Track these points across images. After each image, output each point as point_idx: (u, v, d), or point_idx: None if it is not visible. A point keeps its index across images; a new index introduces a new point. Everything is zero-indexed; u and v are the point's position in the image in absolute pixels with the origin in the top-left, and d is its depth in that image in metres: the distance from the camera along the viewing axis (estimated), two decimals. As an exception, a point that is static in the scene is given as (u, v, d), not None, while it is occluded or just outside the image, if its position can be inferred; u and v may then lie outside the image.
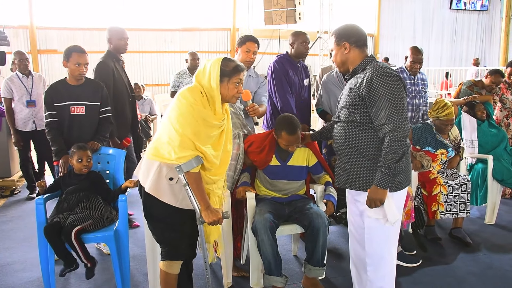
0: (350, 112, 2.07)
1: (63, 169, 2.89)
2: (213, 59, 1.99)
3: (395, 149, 1.92)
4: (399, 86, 1.97)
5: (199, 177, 1.93)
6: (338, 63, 2.18)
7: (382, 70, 1.98)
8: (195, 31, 12.03)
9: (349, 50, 2.11)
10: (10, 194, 4.74)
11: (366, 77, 1.99)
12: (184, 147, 1.86)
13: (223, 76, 1.95)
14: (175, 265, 2.07)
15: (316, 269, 2.53)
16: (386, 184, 1.95)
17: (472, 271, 2.93)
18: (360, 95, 2.01)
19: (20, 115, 4.39)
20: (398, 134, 1.91)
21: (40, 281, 2.68)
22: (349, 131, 2.10)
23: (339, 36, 2.13)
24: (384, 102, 1.94)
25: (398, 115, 1.93)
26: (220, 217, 1.96)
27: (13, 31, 10.26)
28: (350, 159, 2.10)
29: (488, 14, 15.20)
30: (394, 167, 1.93)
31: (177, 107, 1.90)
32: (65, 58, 2.98)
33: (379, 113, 1.95)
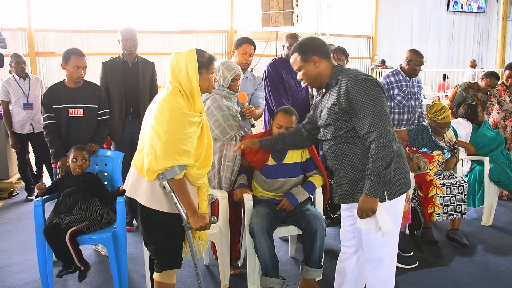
0: (336, 128, 2.02)
1: (61, 171, 2.90)
2: (183, 53, 1.93)
3: (382, 155, 1.86)
4: (377, 91, 1.91)
5: (183, 183, 1.90)
6: (310, 79, 2.08)
7: (356, 78, 1.93)
8: (193, 33, 12.05)
9: (320, 63, 2.04)
10: (8, 196, 4.74)
11: (342, 89, 1.94)
12: (167, 154, 1.82)
13: (201, 68, 1.92)
14: (173, 274, 2.03)
15: (313, 270, 2.54)
16: (376, 192, 1.89)
17: (468, 272, 2.94)
18: (342, 108, 1.96)
19: (17, 117, 4.39)
20: (384, 140, 1.86)
21: (39, 282, 2.68)
22: (340, 147, 2.04)
23: (305, 51, 2.05)
24: (365, 110, 1.89)
25: (381, 120, 1.87)
26: (207, 223, 1.93)
27: (11, 33, 10.26)
28: (347, 175, 2.04)
29: (485, 16, 15.28)
30: (384, 174, 1.87)
31: (160, 115, 1.84)
32: (63, 60, 2.99)
33: (363, 122, 1.90)
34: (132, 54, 3.49)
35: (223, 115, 2.72)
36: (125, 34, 3.43)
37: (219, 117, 2.72)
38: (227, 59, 2.97)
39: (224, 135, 2.73)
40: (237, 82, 2.81)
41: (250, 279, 2.66)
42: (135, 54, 3.51)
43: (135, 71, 3.48)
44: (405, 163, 2.08)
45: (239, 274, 2.85)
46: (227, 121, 2.72)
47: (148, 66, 3.61)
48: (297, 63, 2.08)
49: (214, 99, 2.75)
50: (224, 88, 2.79)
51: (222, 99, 2.77)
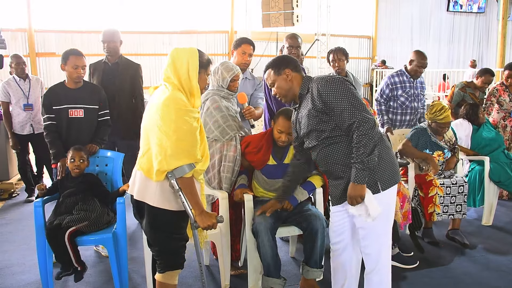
0: (319, 131, 2.07)
1: (61, 172, 2.90)
2: (185, 49, 1.97)
3: (364, 143, 1.92)
4: (345, 85, 1.99)
5: (192, 182, 1.91)
6: (284, 92, 2.17)
7: (324, 79, 2.02)
8: (193, 34, 12.06)
9: (291, 76, 2.14)
10: (8, 197, 4.74)
11: (314, 93, 2.02)
12: (179, 153, 1.83)
13: (201, 67, 1.96)
14: (176, 275, 2.03)
15: (314, 271, 2.55)
16: (363, 179, 1.95)
17: (469, 272, 2.94)
18: (319, 110, 2.02)
19: (17, 118, 4.40)
20: (364, 127, 1.92)
21: (39, 283, 2.69)
22: (327, 150, 2.08)
23: (278, 66, 2.16)
24: (341, 105, 1.96)
25: (356, 110, 1.95)
26: (214, 222, 1.94)
27: (11, 34, 10.27)
28: (341, 174, 2.09)
29: (485, 16, 15.27)
30: (367, 160, 1.92)
31: (167, 115, 1.85)
32: (62, 61, 2.99)
33: (342, 117, 1.97)
34: (114, 56, 3.49)
35: (223, 115, 2.72)
36: (105, 36, 3.44)
37: (218, 117, 2.72)
38: (227, 60, 2.97)
39: (224, 135, 2.73)
40: (236, 83, 2.81)
41: (250, 280, 2.66)
42: (116, 55, 3.51)
43: (114, 71, 3.48)
44: (392, 155, 2.13)
45: (239, 274, 2.85)
46: (226, 122, 2.72)
47: (130, 67, 3.62)
48: (271, 78, 2.18)
49: (213, 100, 2.75)
50: (223, 88, 2.79)
51: (221, 100, 2.77)
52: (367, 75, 14.30)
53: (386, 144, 2.12)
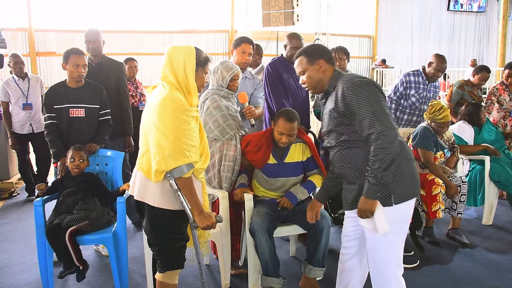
0: (339, 133, 2.01)
1: (61, 171, 2.90)
2: (182, 47, 1.95)
3: (380, 157, 1.83)
4: (372, 91, 1.89)
5: (191, 182, 1.90)
6: (313, 83, 2.06)
7: (351, 81, 1.93)
8: (193, 33, 12.06)
9: (324, 68, 2.04)
10: (8, 196, 4.74)
11: (339, 93, 1.94)
12: (177, 153, 1.82)
13: (198, 65, 1.94)
14: (176, 275, 2.03)
15: (316, 270, 2.55)
16: (374, 194, 1.87)
17: (469, 272, 2.94)
18: (340, 113, 1.95)
19: (16, 118, 4.40)
20: (382, 140, 1.83)
21: (39, 283, 2.69)
22: (344, 153, 2.02)
23: (312, 55, 2.05)
24: (363, 112, 1.87)
25: (379, 121, 1.84)
26: (213, 222, 1.93)
27: (12, 33, 10.27)
28: (355, 180, 2.01)
29: (486, 16, 15.26)
30: (381, 176, 1.83)
31: (164, 114, 1.84)
32: (63, 60, 2.99)
33: (362, 124, 1.88)
34: (96, 56, 3.48)
35: (222, 115, 2.72)
36: (90, 36, 3.42)
37: (218, 117, 2.72)
38: (226, 59, 2.97)
39: (224, 135, 2.73)
40: (236, 82, 2.81)
41: (250, 279, 2.66)
42: (99, 55, 3.50)
43: (97, 71, 3.46)
44: (413, 167, 2.01)
45: (239, 274, 2.85)
46: (226, 121, 2.72)
47: (114, 66, 3.60)
48: (302, 66, 2.07)
49: (213, 99, 2.75)
50: (223, 88, 2.79)
51: (221, 99, 2.77)
52: (367, 74, 14.29)
53: (407, 155, 2.00)
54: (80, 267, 2.52)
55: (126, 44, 11.30)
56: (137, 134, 2.14)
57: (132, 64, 4.83)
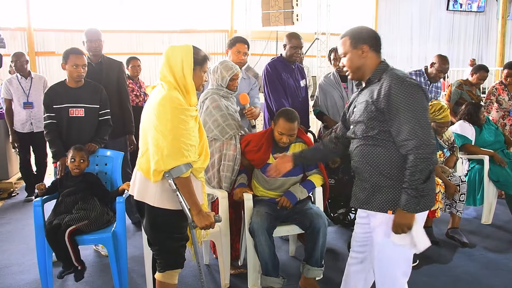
0: (368, 127, 1.89)
1: (61, 171, 2.90)
2: (180, 46, 1.93)
3: (421, 168, 1.73)
4: (421, 97, 1.79)
5: (189, 181, 1.88)
6: (352, 68, 1.95)
7: (402, 79, 1.81)
8: (193, 33, 12.05)
9: (367, 54, 1.92)
10: (8, 196, 4.74)
11: (384, 88, 1.82)
12: (175, 153, 1.81)
13: (196, 64, 1.92)
14: (176, 275, 2.03)
15: (314, 269, 2.55)
16: (414, 207, 1.77)
17: (468, 271, 2.94)
18: (379, 108, 1.83)
19: (17, 116, 4.44)
20: (424, 151, 1.74)
21: (38, 283, 2.69)
22: (368, 148, 1.92)
23: (356, 38, 1.92)
24: (406, 116, 1.76)
25: (422, 129, 1.74)
26: (212, 221, 1.92)
27: (11, 33, 10.25)
28: (371, 179, 1.92)
29: (485, 15, 15.26)
30: (422, 188, 1.75)
31: (162, 114, 1.83)
32: (63, 60, 2.99)
33: (401, 128, 1.77)
34: (97, 55, 3.47)
35: (222, 114, 2.72)
36: (90, 35, 3.40)
37: (218, 116, 2.71)
38: (226, 59, 2.97)
39: (223, 134, 2.73)
40: (236, 82, 2.81)
41: (250, 279, 2.66)
42: (100, 55, 3.49)
43: (98, 71, 3.45)
44: (434, 178, 1.95)
45: (239, 273, 2.85)
46: (226, 121, 2.72)
47: (113, 65, 3.59)
48: (345, 48, 1.95)
49: (212, 99, 2.75)
50: (223, 87, 2.79)
51: (221, 99, 2.77)
52: (367, 74, 14.30)
53: None
54: (78, 267, 2.52)
55: (125, 43, 11.29)
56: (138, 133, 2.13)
57: (135, 63, 4.84)
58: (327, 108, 3.73)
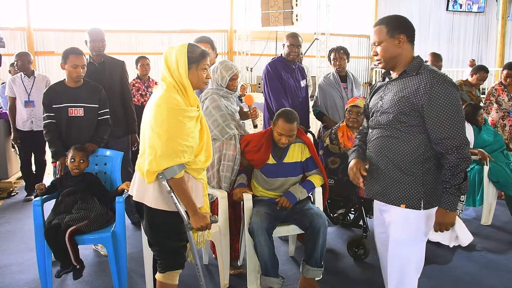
0: (396, 119, 1.86)
1: (60, 170, 2.89)
2: (175, 47, 1.91)
3: (462, 168, 1.76)
4: (459, 97, 1.80)
5: (183, 182, 1.87)
6: (386, 57, 1.90)
7: (443, 78, 1.79)
8: (193, 33, 12.04)
9: (403, 45, 1.87)
10: (7, 196, 4.74)
11: (425, 84, 1.79)
12: (169, 154, 1.80)
13: (191, 63, 1.89)
14: (176, 275, 2.03)
15: (314, 270, 2.55)
16: (455, 206, 1.79)
17: (467, 271, 2.95)
18: (414, 103, 1.80)
19: (19, 114, 4.49)
20: (465, 151, 1.76)
21: (38, 282, 2.68)
22: (389, 141, 1.90)
23: (394, 27, 1.86)
24: (448, 114, 1.75)
25: (461, 129, 1.76)
26: (208, 223, 1.91)
27: (10, 33, 10.25)
28: (386, 172, 1.92)
29: (485, 16, 15.26)
30: (464, 187, 1.78)
31: (158, 114, 1.83)
32: (62, 60, 2.99)
33: (442, 125, 1.76)
34: (100, 55, 3.47)
35: (222, 114, 2.72)
36: (93, 35, 3.40)
37: (217, 116, 2.71)
38: (226, 59, 2.96)
39: (223, 134, 2.72)
40: (236, 82, 2.81)
41: (249, 279, 2.65)
42: (102, 55, 3.49)
43: (101, 71, 3.45)
44: None
45: (238, 274, 2.84)
46: (225, 121, 2.72)
47: (116, 65, 3.60)
48: (380, 36, 1.89)
49: (212, 99, 2.75)
50: (222, 87, 2.79)
51: (221, 99, 2.77)
52: (366, 74, 14.31)
53: None
54: (77, 266, 2.52)
55: (125, 44, 11.28)
56: None
57: (144, 62, 4.85)
58: (327, 108, 3.73)
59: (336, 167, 3.18)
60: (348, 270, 2.99)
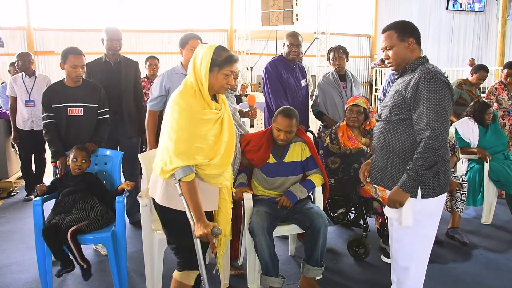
0: (391, 113, 2.03)
1: (60, 170, 2.89)
2: (207, 46, 1.90)
3: (427, 156, 1.88)
4: (446, 93, 1.89)
5: (192, 186, 1.84)
6: (398, 60, 2.04)
7: (432, 74, 1.91)
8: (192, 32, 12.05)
9: (413, 47, 2.02)
10: (7, 195, 4.74)
11: (414, 79, 1.94)
12: (179, 154, 1.79)
13: (213, 65, 1.86)
14: (192, 276, 1.98)
15: (314, 269, 2.54)
16: (410, 188, 1.93)
17: (468, 271, 2.94)
18: (405, 97, 1.96)
19: (20, 114, 4.50)
20: (434, 142, 1.87)
21: (38, 282, 2.68)
22: (388, 131, 2.06)
23: (404, 31, 2.02)
24: (427, 107, 1.88)
25: (439, 122, 1.87)
26: (207, 232, 1.81)
27: (10, 32, 10.24)
28: (386, 159, 2.07)
29: (485, 15, 15.26)
30: (422, 174, 1.90)
31: (171, 115, 1.84)
32: (62, 60, 2.99)
33: (420, 118, 1.90)
34: (116, 54, 3.47)
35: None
36: (111, 34, 3.39)
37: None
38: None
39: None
40: (236, 81, 2.80)
41: (250, 278, 2.65)
42: (118, 54, 3.49)
43: (118, 71, 3.46)
44: (447, 168, 2.06)
45: (239, 274, 2.84)
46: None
47: (131, 66, 3.60)
48: (391, 41, 2.03)
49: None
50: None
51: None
52: (367, 74, 14.29)
53: (445, 156, 2.02)
54: (84, 265, 2.53)
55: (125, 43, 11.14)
56: None
57: (152, 62, 4.87)
58: (326, 108, 3.73)
59: (336, 166, 3.18)
60: (348, 269, 2.99)
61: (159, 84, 2.98)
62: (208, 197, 1.96)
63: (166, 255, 2.59)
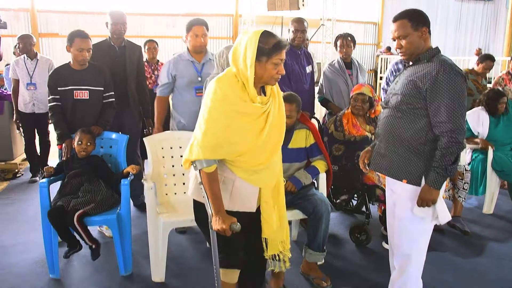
0: (403, 101, 2.00)
1: (66, 153, 2.91)
2: (251, 32, 1.68)
3: (452, 151, 1.87)
4: (463, 86, 1.90)
5: (212, 178, 1.71)
6: (412, 49, 2.01)
7: (451, 66, 1.90)
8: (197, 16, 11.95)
9: (425, 36, 2.00)
10: (12, 177, 4.78)
11: (432, 70, 1.91)
12: (204, 146, 1.66)
13: (261, 55, 1.65)
14: (231, 274, 1.91)
15: (316, 254, 2.57)
16: (440, 184, 1.92)
17: (469, 260, 2.97)
18: (420, 87, 1.93)
19: (21, 96, 4.49)
20: (458, 135, 1.86)
21: (44, 262, 2.73)
22: (396, 119, 2.04)
23: (417, 20, 1.98)
24: (447, 99, 1.86)
25: (460, 115, 1.87)
26: (225, 228, 1.68)
27: (14, 13, 10.19)
28: (390, 147, 2.06)
29: (494, 4, 15.05)
30: (451, 169, 1.90)
31: (204, 102, 1.70)
32: (68, 43, 2.97)
33: (439, 110, 1.88)
34: (120, 38, 3.44)
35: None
36: (116, 17, 3.35)
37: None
38: (232, 44, 2.94)
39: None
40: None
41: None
42: (122, 38, 3.46)
43: (122, 55, 3.43)
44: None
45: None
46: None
47: (135, 50, 3.58)
48: (405, 30, 1.99)
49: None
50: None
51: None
52: (372, 61, 14.20)
53: None
54: (92, 246, 2.56)
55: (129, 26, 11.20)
56: None
57: (151, 45, 4.86)
58: (332, 96, 3.72)
59: (340, 154, 3.19)
60: (350, 255, 3.02)
61: (166, 72, 3.10)
62: (241, 196, 1.81)
63: (171, 238, 2.63)
